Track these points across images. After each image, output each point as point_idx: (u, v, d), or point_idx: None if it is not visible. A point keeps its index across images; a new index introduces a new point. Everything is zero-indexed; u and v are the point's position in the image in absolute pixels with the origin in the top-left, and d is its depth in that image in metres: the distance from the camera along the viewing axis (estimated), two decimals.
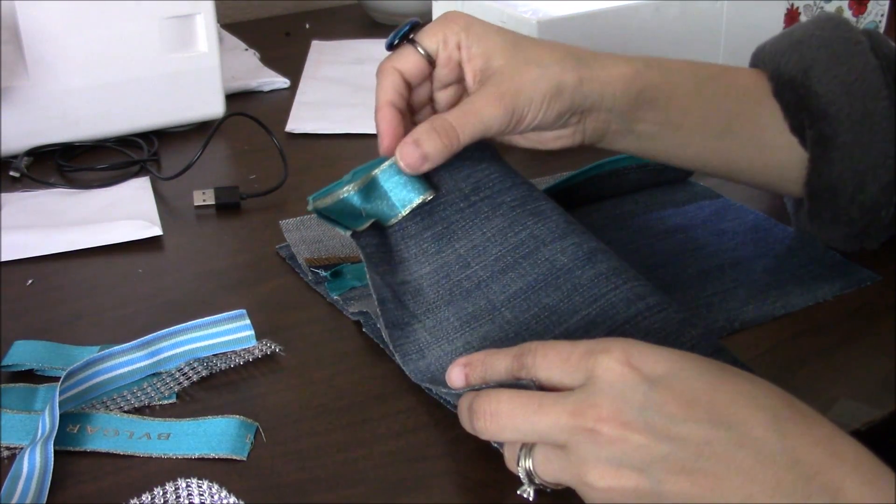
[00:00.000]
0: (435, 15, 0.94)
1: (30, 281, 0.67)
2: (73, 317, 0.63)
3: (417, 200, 0.59)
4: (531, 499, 0.46)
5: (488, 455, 0.51)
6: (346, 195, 0.59)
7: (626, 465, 0.42)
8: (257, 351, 0.59)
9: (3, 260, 0.69)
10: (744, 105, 0.66)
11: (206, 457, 0.51)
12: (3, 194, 0.77)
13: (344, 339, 0.61)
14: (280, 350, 0.59)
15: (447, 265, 0.59)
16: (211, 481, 0.48)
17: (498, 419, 0.45)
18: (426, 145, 0.57)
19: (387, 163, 0.59)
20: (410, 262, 0.59)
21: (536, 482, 0.46)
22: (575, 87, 0.60)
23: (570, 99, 0.60)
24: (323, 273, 0.66)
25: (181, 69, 0.86)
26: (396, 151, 0.58)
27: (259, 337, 0.59)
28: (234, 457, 0.51)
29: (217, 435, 0.52)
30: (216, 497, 0.47)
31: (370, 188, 0.59)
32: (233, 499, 0.47)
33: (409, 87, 0.62)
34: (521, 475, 0.46)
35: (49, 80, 0.81)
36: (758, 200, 0.76)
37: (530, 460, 0.46)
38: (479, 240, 0.60)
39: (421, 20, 0.63)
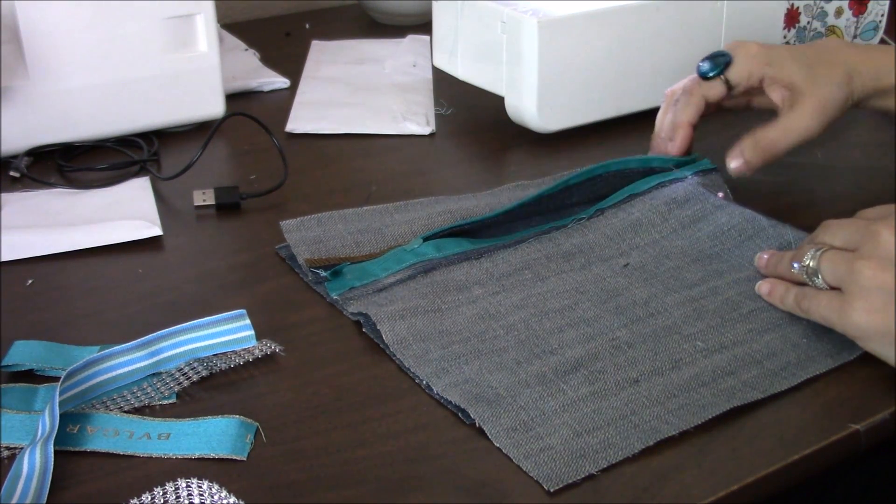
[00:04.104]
0: (435, 15, 0.94)
1: (30, 281, 0.67)
2: (73, 317, 0.63)
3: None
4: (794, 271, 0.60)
5: (488, 455, 0.51)
6: None
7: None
8: (257, 351, 0.59)
9: (3, 260, 0.69)
10: None
11: (206, 457, 0.51)
12: (3, 194, 0.77)
13: (344, 339, 0.61)
14: (280, 350, 0.59)
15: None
16: (211, 481, 0.48)
17: (826, 228, 0.60)
18: (748, 154, 0.72)
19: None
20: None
21: (810, 276, 0.58)
22: (854, 92, 0.74)
23: (854, 97, 0.74)
24: (323, 273, 0.66)
25: (181, 69, 0.86)
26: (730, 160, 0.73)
27: (259, 337, 0.59)
28: (234, 457, 0.51)
29: (217, 435, 0.52)
30: (216, 497, 0.47)
31: None
32: (233, 499, 0.47)
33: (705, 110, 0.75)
34: (801, 267, 0.59)
35: (49, 80, 0.81)
36: (755, 202, 0.76)
37: (816, 259, 0.58)
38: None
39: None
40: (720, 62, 0.73)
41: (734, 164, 0.73)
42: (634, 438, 0.52)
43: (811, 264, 0.59)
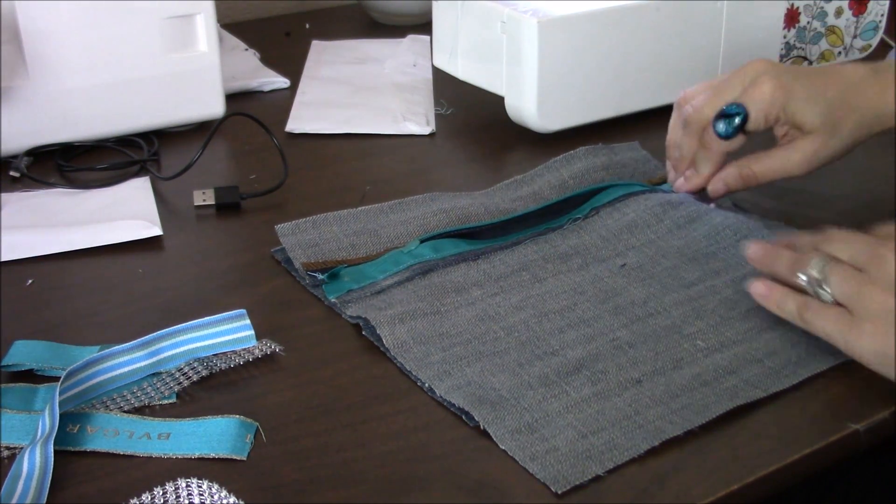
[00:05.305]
0: (435, 15, 0.94)
1: (30, 281, 0.67)
2: (73, 317, 0.63)
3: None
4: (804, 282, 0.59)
5: (489, 455, 0.51)
6: None
7: None
8: (257, 351, 0.59)
9: (3, 260, 0.69)
10: None
11: (206, 457, 0.51)
12: (3, 194, 0.77)
13: (344, 339, 0.61)
14: (280, 350, 0.59)
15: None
16: (211, 481, 0.48)
17: (832, 240, 0.59)
18: (730, 182, 0.72)
19: None
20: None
21: (815, 287, 0.58)
22: (867, 133, 0.72)
23: (865, 136, 0.73)
24: (320, 276, 0.65)
25: (181, 69, 0.86)
26: (709, 186, 0.73)
27: (259, 337, 0.59)
28: (234, 457, 0.51)
29: (217, 435, 0.52)
30: (216, 497, 0.47)
31: None
32: (233, 499, 0.47)
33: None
34: (807, 277, 0.58)
35: (49, 80, 0.81)
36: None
37: (823, 272, 0.58)
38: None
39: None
40: (737, 122, 0.70)
41: (716, 186, 0.73)
42: (639, 439, 0.52)
43: (817, 275, 0.58)
